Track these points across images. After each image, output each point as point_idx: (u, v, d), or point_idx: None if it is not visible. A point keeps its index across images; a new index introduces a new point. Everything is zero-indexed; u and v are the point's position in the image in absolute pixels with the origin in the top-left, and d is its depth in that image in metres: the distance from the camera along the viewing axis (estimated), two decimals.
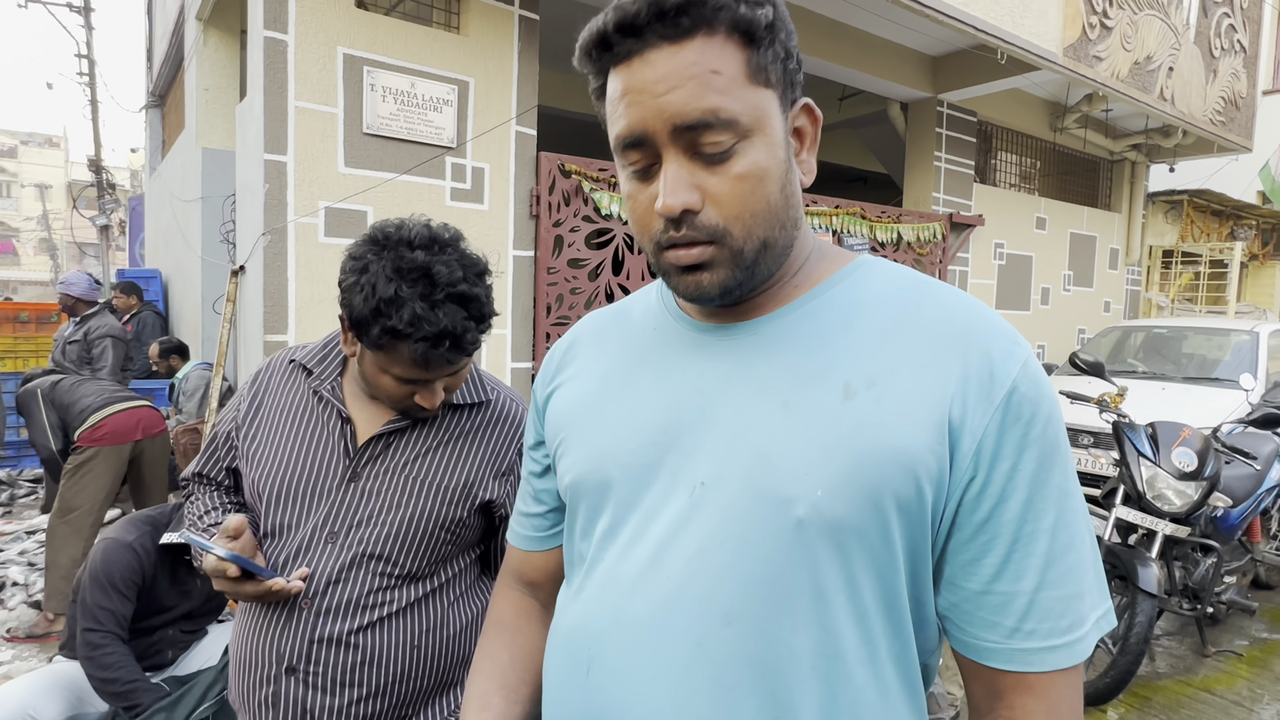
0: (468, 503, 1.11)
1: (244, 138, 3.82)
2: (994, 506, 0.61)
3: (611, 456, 0.71)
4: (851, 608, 0.62)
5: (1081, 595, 0.62)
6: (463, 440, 1.14)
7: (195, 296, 5.70)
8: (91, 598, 2.05)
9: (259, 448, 1.15)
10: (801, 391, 0.64)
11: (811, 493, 0.60)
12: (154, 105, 8.31)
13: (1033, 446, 0.61)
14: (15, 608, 3.64)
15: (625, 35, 0.61)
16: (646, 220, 0.65)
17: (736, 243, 0.63)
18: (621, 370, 0.75)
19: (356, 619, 1.06)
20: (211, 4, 4.98)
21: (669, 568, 0.64)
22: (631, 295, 0.84)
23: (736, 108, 0.60)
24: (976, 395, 0.60)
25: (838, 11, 5.12)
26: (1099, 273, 8.30)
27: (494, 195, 4.03)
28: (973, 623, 0.63)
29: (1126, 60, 5.89)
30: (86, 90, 12.66)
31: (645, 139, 0.62)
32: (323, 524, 1.09)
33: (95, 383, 3.63)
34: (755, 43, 0.61)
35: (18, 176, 36.34)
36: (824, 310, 0.68)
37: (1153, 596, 2.67)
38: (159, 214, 7.83)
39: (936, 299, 0.67)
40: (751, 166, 0.62)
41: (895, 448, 0.60)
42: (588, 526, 0.74)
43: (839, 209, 5.46)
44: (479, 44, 3.91)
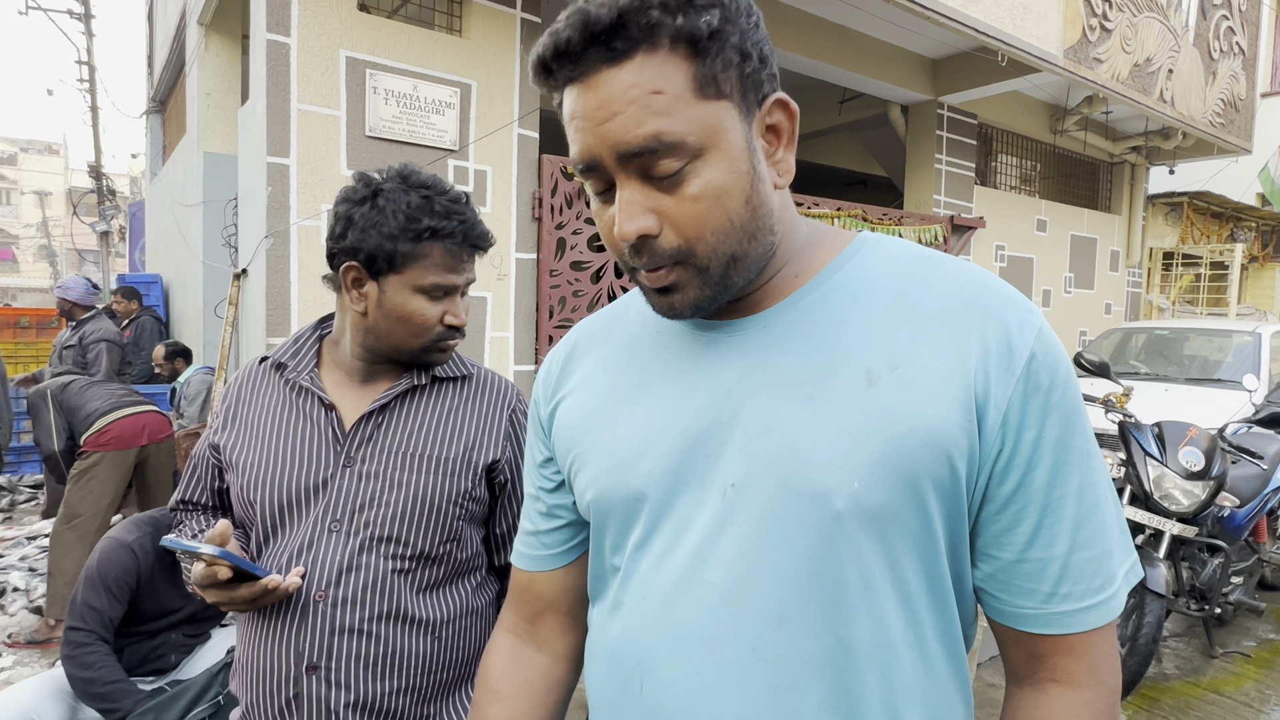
0: (470, 471, 1.11)
1: (246, 141, 3.82)
2: (1023, 475, 0.61)
3: (633, 467, 0.69)
4: (898, 594, 0.61)
5: (1110, 553, 0.63)
6: (453, 412, 1.15)
7: (197, 301, 5.70)
8: (82, 596, 2.04)
9: (242, 454, 1.12)
10: (823, 382, 0.62)
11: (848, 484, 0.59)
12: (155, 111, 8.32)
13: (1054, 412, 0.61)
14: (16, 613, 3.62)
15: (564, 62, 0.59)
16: (612, 241, 0.64)
17: (701, 261, 0.61)
18: (629, 376, 0.73)
19: (374, 605, 1.04)
20: (213, 9, 4.98)
21: (711, 574, 0.63)
22: (624, 297, 0.81)
23: (682, 128, 0.57)
24: (997, 367, 0.60)
25: (838, 15, 5.13)
26: (1100, 275, 8.30)
27: (496, 198, 4.03)
28: (1010, 591, 0.63)
29: (1126, 62, 5.90)
30: (87, 97, 12.69)
31: (595, 165, 0.60)
32: (323, 515, 1.06)
33: (104, 386, 3.62)
34: (701, 53, 0.58)
35: (17, 184, 36.39)
36: (832, 296, 0.66)
37: (1161, 597, 2.66)
38: (160, 219, 7.83)
39: (945, 274, 0.66)
40: (706, 186, 0.59)
41: (926, 429, 0.59)
42: (619, 540, 0.71)
43: (840, 211, 5.46)
44: (481, 47, 3.91)
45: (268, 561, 1.08)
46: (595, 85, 0.58)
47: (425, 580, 1.08)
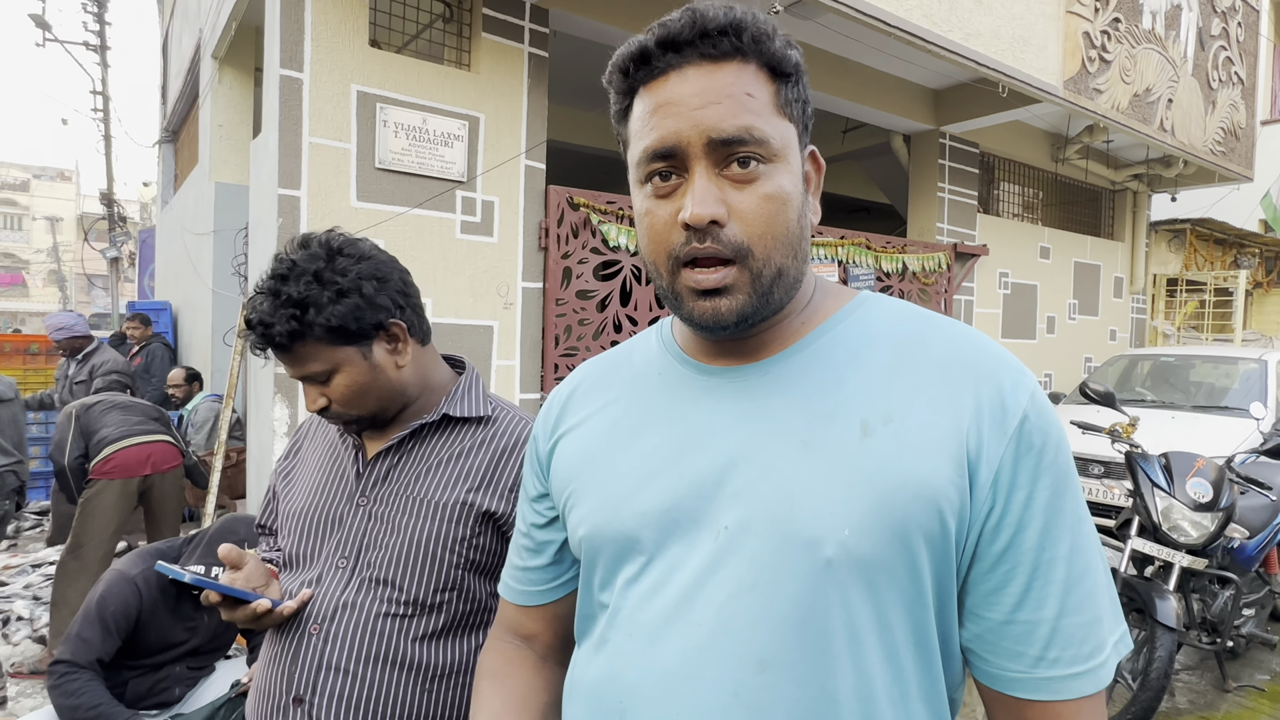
0: (466, 518, 1.06)
1: (258, 173, 3.88)
2: (1013, 535, 0.61)
3: (628, 505, 0.69)
4: (883, 647, 0.61)
5: (1100, 620, 0.62)
6: (462, 456, 1.11)
7: (205, 328, 5.74)
8: (78, 629, 2.04)
9: (290, 485, 1.18)
10: (819, 430, 0.64)
11: (839, 532, 0.60)
12: (167, 140, 8.45)
13: (1046, 474, 0.61)
14: (20, 643, 3.61)
15: (666, 50, 0.64)
16: (665, 235, 0.65)
17: (757, 264, 0.63)
18: (629, 417, 0.74)
19: (362, 646, 1.03)
20: (227, 43, 5.09)
21: (699, 615, 0.64)
22: (629, 341, 0.83)
23: (768, 130, 0.63)
24: (990, 426, 0.61)
25: (841, 47, 5.21)
26: (1104, 301, 8.31)
27: (503, 228, 4.08)
28: (997, 653, 0.63)
29: (1126, 92, 5.97)
30: (100, 126, 12.89)
31: (676, 151, 0.63)
32: (335, 551, 1.08)
33: (124, 411, 3.61)
34: (782, 79, 0.65)
35: (29, 210, 36.83)
36: (832, 348, 0.68)
37: (1171, 630, 2.63)
38: (170, 246, 7.91)
39: (942, 333, 0.67)
40: (777, 189, 0.64)
41: (918, 482, 0.60)
42: (608, 578, 0.72)
43: (844, 239, 5.50)
44: (489, 81, 3.98)
45: (284, 587, 1.11)
46: (692, 78, 0.63)
47: (422, 628, 1.05)
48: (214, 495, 3.93)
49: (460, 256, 3.92)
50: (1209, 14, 6.95)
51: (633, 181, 0.69)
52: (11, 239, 36.58)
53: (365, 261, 1.08)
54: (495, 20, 3.98)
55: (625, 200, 4.43)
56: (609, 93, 0.71)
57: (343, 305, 1.03)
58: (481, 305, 4.00)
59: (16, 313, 32.18)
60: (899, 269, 5.83)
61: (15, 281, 35.58)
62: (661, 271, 0.66)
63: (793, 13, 4.29)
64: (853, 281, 5.52)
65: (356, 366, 1.06)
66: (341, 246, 1.09)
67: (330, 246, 1.08)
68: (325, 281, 1.04)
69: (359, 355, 1.06)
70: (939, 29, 4.44)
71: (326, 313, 1.02)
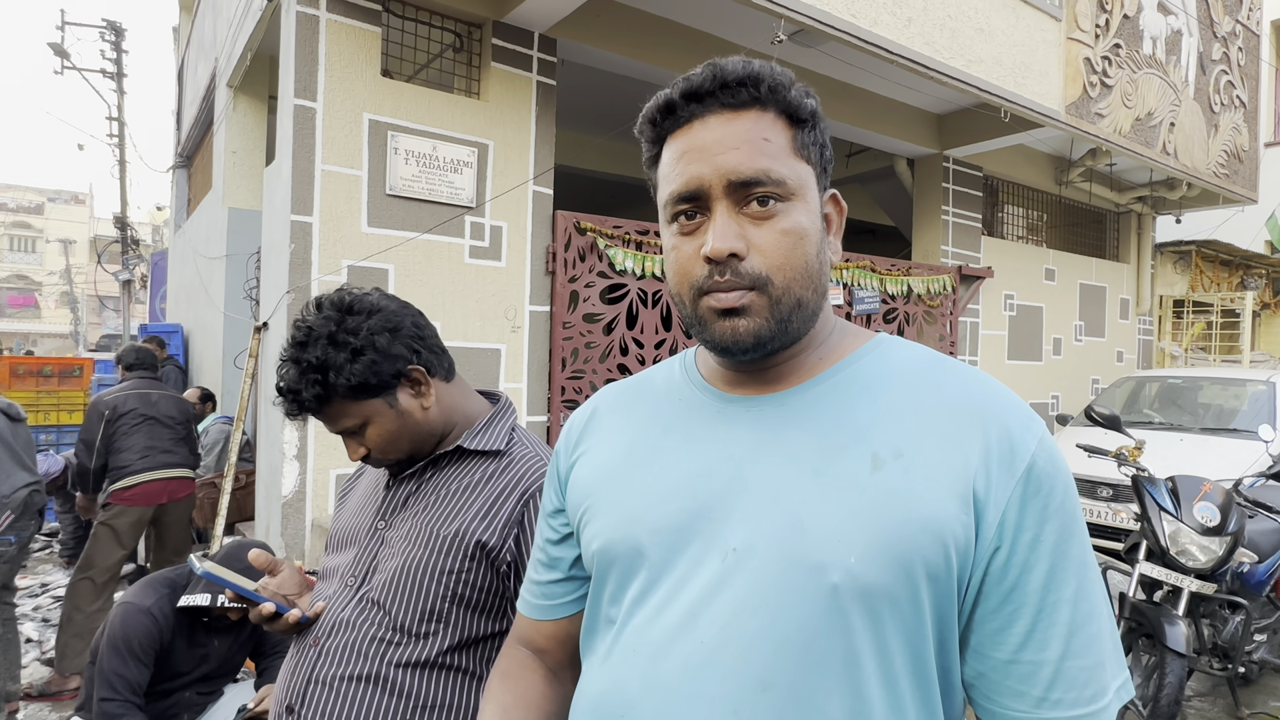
0: (458, 551, 1.07)
1: (271, 199, 3.95)
2: (1019, 576, 0.63)
3: (641, 522, 0.71)
4: (882, 674, 0.63)
5: (1103, 664, 0.64)
6: (470, 489, 1.12)
7: (216, 351, 5.80)
8: (109, 664, 2.04)
9: (342, 506, 1.26)
10: (831, 461, 0.66)
11: (845, 559, 0.62)
12: (181, 166, 8.59)
13: (1054, 518, 0.63)
14: (29, 664, 3.62)
15: (689, 101, 0.69)
16: (689, 268, 0.69)
17: (776, 292, 0.67)
18: (648, 438, 0.77)
19: (350, 665, 1.05)
20: (243, 72, 5.20)
21: (703, 633, 0.65)
22: (653, 367, 0.87)
23: (784, 171, 0.68)
24: (999, 468, 0.63)
25: (845, 74, 5.28)
26: (1110, 323, 8.31)
27: (511, 253, 4.13)
28: (1000, 692, 0.64)
29: (1128, 116, 6.02)
30: (115, 151, 13.11)
31: (700, 193, 0.68)
32: (348, 569, 1.13)
33: (149, 433, 3.64)
34: (799, 125, 0.70)
35: (43, 232, 37.31)
36: (848, 384, 0.71)
37: (1182, 656, 2.61)
38: (182, 270, 8.01)
39: (956, 376, 0.70)
40: (794, 225, 0.68)
41: (924, 516, 0.62)
42: (617, 592, 0.73)
43: (849, 262, 5.53)
44: (498, 109, 4.06)
45: (317, 598, 1.16)
46: (714, 125, 0.69)
47: (408, 656, 1.05)
48: (223, 517, 3.95)
49: (469, 281, 3.97)
50: (1209, 39, 7.02)
51: (662, 221, 0.74)
52: (25, 261, 37.04)
53: (375, 315, 1.12)
54: (504, 50, 4.07)
55: (632, 224, 4.49)
56: (641, 142, 0.76)
57: (359, 364, 1.08)
58: (489, 329, 4.04)
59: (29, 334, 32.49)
60: (904, 291, 5.86)
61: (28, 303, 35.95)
62: (685, 301, 0.71)
63: (796, 41, 4.36)
64: (857, 304, 5.55)
65: (385, 416, 1.11)
66: (351, 304, 1.13)
67: (340, 306, 1.12)
68: (340, 343, 1.08)
69: (385, 405, 1.11)
70: (941, 56, 4.51)
71: (346, 373, 1.07)
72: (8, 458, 3.04)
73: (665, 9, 4.52)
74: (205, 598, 2.12)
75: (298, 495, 3.55)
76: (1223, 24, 7.19)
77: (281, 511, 3.52)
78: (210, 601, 2.11)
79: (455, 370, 1.23)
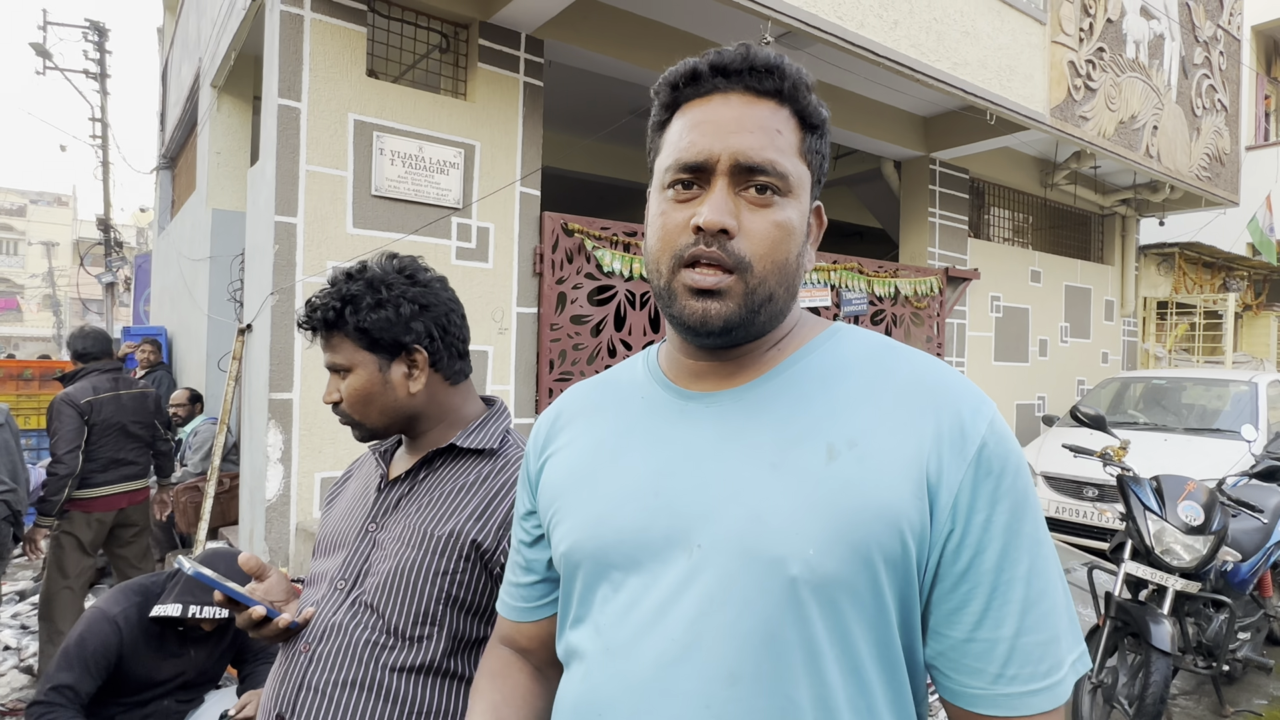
0: (452, 551, 1.06)
1: (255, 200, 3.92)
2: (973, 557, 0.64)
3: (607, 523, 0.72)
4: (845, 661, 0.64)
5: (1058, 639, 0.65)
6: (463, 489, 1.12)
7: (200, 354, 5.74)
8: (55, 668, 2.00)
9: (330, 510, 1.25)
10: (787, 453, 0.67)
11: (803, 551, 0.63)
12: (165, 167, 8.51)
13: (1005, 498, 0.65)
14: (6, 672, 3.56)
15: (716, 74, 0.70)
16: (674, 235, 0.69)
17: (753, 280, 0.68)
18: (612, 439, 0.77)
19: (342, 671, 1.03)
20: (226, 72, 5.15)
21: (672, 630, 0.66)
22: (616, 366, 0.87)
23: (788, 166, 0.69)
24: (950, 452, 0.64)
25: (832, 76, 5.30)
26: (1095, 324, 8.38)
27: (498, 254, 4.11)
28: (959, 670, 0.66)
29: (1112, 120, 6.07)
30: (99, 152, 12.98)
31: (705, 166, 0.68)
32: (338, 573, 1.11)
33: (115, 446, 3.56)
34: (809, 130, 0.72)
35: (25, 234, 36.88)
36: (803, 376, 0.72)
37: (1167, 654, 2.63)
38: (166, 272, 7.93)
39: (907, 363, 0.71)
40: (785, 219, 0.69)
41: (879, 504, 0.63)
42: (586, 593, 0.74)
43: (837, 264, 5.55)
44: (485, 109, 4.04)
45: (304, 603, 1.14)
46: (735, 103, 0.70)
47: (403, 660, 1.03)
48: (206, 521, 3.91)
49: (456, 282, 3.90)
50: (1191, 43, 7.11)
51: (654, 186, 0.74)
52: (7, 264, 36.60)
53: (417, 287, 1.16)
54: (491, 50, 4.05)
55: (619, 226, 4.48)
56: (653, 104, 0.76)
57: (376, 314, 1.12)
58: (476, 330, 4.02)
59: (10, 337, 32.08)
60: (891, 293, 5.88)
61: (10, 306, 35.50)
62: (662, 270, 0.70)
63: (784, 43, 4.37)
64: (845, 305, 5.56)
65: (369, 373, 1.13)
66: (410, 269, 1.18)
67: (401, 267, 1.18)
68: (375, 289, 1.13)
69: (375, 364, 1.13)
70: (927, 59, 4.53)
71: (362, 315, 1.11)
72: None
73: (652, 10, 4.52)
74: (176, 608, 2.05)
75: (282, 499, 3.51)
76: (1204, 28, 7.27)
77: (265, 515, 3.48)
78: (181, 613, 2.05)
79: (466, 377, 1.23)
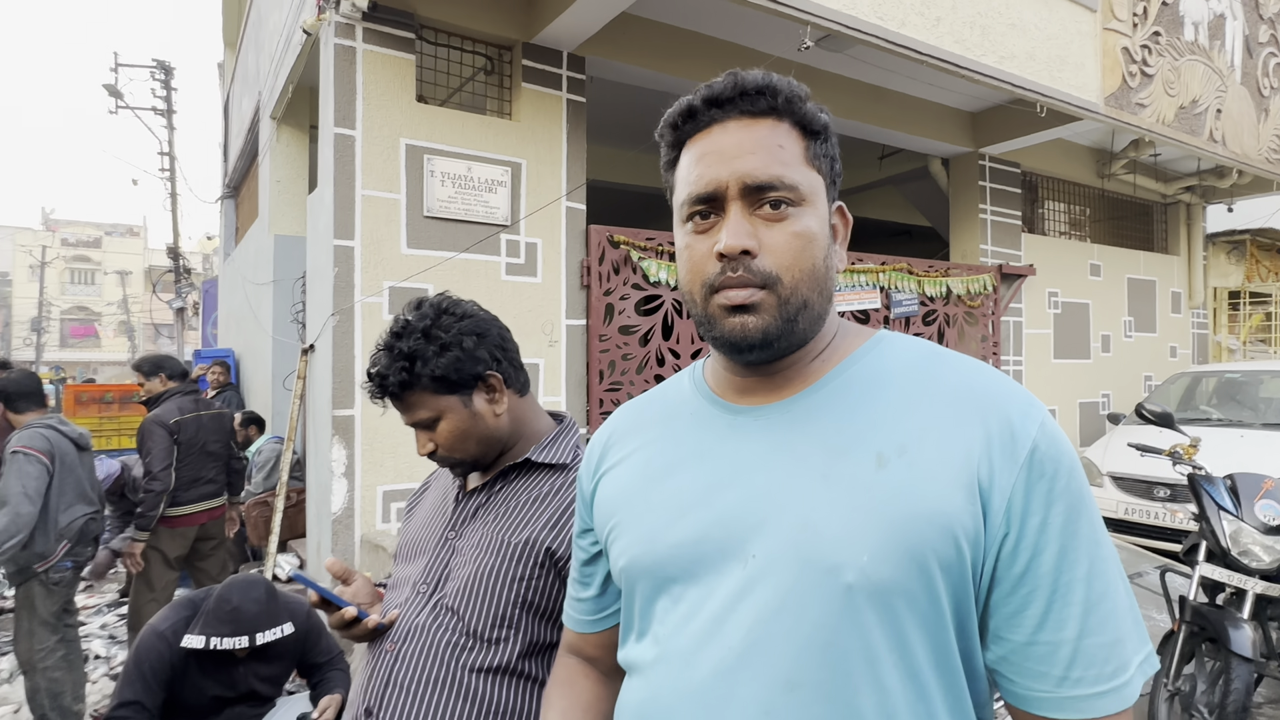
0: (527, 558, 1.12)
1: (315, 225, 4.08)
2: (1029, 559, 0.64)
3: (662, 538, 0.74)
4: (904, 666, 0.64)
5: (1122, 640, 0.64)
6: (537, 500, 1.17)
7: (266, 374, 5.98)
8: (120, 685, 2.13)
9: (410, 518, 1.32)
10: (837, 463, 0.68)
11: (857, 558, 0.64)
12: (228, 196, 8.91)
13: (1059, 500, 0.64)
14: (98, 680, 3.77)
15: (710, 106, 0.73)
16: (702, 265, 0.72)
17: (784, 291, 0.70)
18: (663, 455, 0.79)
19: (425, 669, 1.09)
20: (285, 104, 5.39)
21: (730, 639, 0.67)
22: (664, 383, 0.90)
23: (797, 177, 0.71)
24: (1001, 456, 0.65)
25: (874, 76, 5.26)
26: (1161, 317, 8.06)
27: (546, 268, 4.19)
28: (1022, 674, 0.66)
29: (1171, 105, 5.86)
30: (167, 184, 13.65)
31: (716, 195, 0.71)
32: (421, 578, 1.17)
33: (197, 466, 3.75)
34: (811, 137, 0.74)
35: (101, 264, 38.97)
36: (849, 386, 0.73)
37: (1249, 661, 2.52)
38: (231, 297, 8.29)
39: (954, 369, 0.72)
40: (804, 228, 0.71)
41: (931, 510, 0.64)
42: (646, 606, 0.76)
43: (885, 265, 5.48)
44: (530, 128, 4.13)
45: (388, 606, 1.21)
46: (733, 129, 0.72)
47: (482, 661, 1.09)
48: (276, 534, 4.07)
49: (506, 297, 4.03)
50: (1255, 21, 6.80)
51: (676, 221, 0.77)
52: (85, 293, 38.69)
53: (467, 320, 1.20)
54: (534, 70, 4.15)
55: (665, 236, 4.52)
56: (660, 146, 0.79)
57: (445, 358, 1.15)
58: (527, 344, 4.10)
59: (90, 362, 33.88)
60: (943, 293, 5.77)
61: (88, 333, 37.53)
62: (697, 299, 0.73)
63: (824, 46, 4.36)
64: (895, 307, 5.48)
65: (458, 413, 1.17)
66: (448, 307, 1.21)
67: (439, 308, 1.21)
68: (431, 337, 1.16)
69: (460, 403, 1.17)
70: (972, 54, 4.46)
71: (432, 365, 1.14)
72: (71, 489, 3.18)
73: (690, 21, 4.56)
74: (201, 640, 2.12)
75: (346, 512, 3.64)
76: (1269, 5, 6.95)
77: (332, 528, 3.62)
78: (204, 644, 2.11)
79: (529, 387, 1.28)
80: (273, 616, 2.22)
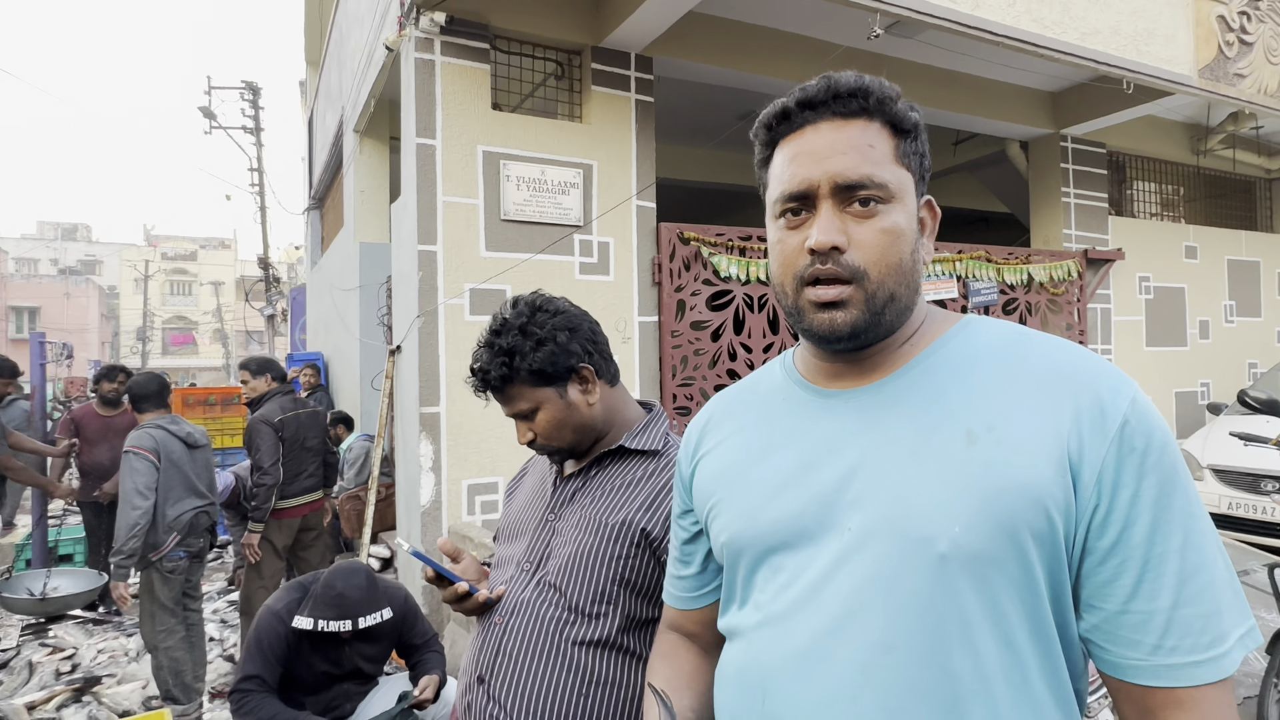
0: (624, 538, 1.18)
1: (399, 232, 4.29)
2: (1121, 531, 0.66)
3: (762, 514, 0.79)
4: (999, 633, 0.67)
5: (1220, 612, 0.65)
6: (633, 484, 1.24)
7: (354, 375, 6.29)
8: (242, 661, 2.32)
9: (511, 502, 1.43)
10: (927, 440, 0.71)
11: (949, 529, 0.67)
12: (314, 207, 9.38)
13: (1151, 473, 0.66)
14: (213, 660, 4.06)
15: (804, 109, 0.77)
16: (793, 259, 0.76)
17: (871, 285, 0.73)
18: (760, 437, 0.84)
19: (533, 642, 1.17)
20: (367, 117, 5.65)
21: (828, 604, 0.72)
22: (756, 372, 0.95)
23: (886, 176, 0.74)
24: (1090, 430, 0.67)
25: (946, 60, 5.13)
26: (1267, 300, 7.55)
27: (619, 266, 4.28)
28: (1115, 642, 0.67)
29: (1274, 74, 5.49)
30: (256, 198, 14.44)
31: (808, 193, 0.75)
32: (524, 556, 1.26)
33: (298, 462, 4.01)
34: (902, 136, 0.77)
35: (197, 276, 41.50)
36: (937, 368, 0.76)
37: None
38: (319, 303, 8.73)
39: (1041, 348, 0.74)
40: (892, 225, 0.74)
41: (1022, 483, 0.67)
42: (748, 577, 0.81)
43: (962, 254, 5.34)
44: (600, 130, 4.23)
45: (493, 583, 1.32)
46: (825, 131, 0.76)
47: (582, 634, 1.16)
48: (369, 527, 4.30)
49: (580, 296, 4.13)
50: None
51: (769, 217, 0.81)
52: (183, 303, 41.29)
53: (560, 316, 1.28)
54: (603, 73, 4.24)
55: (734, 231, 4.54)
56: (754, 145, 0.84)
57: (541, 352, 1.23)
58: None
59: (189, 368, 36.12)
60: (1024, 280, 5.58)
61: (187, 341, 40.03)
62: (788, 291, 0.77)
63: (894, 33, 4.30)
64: (973, 296, 5.34)
65: (555, 404, 1.26)
66: (542, 304, 1.29)
67: (533, 305, 1.29)
68: (528, 333, 1.24)
69: (556, 395, 1.25)
70: (1050, 32, 4.30)
71: (529, 359, 1.22)
72: (179, 484, 3.44)
73: (756, 16, 4.56)
74: (309, 622, 2.28)
75: (434, 504, 3.81)
76: None
77: (421, 520, 3.80)
78: (313, 626, 2.27)
79: (619, 378, 1.36)
80: (373, 602, 2.37)
